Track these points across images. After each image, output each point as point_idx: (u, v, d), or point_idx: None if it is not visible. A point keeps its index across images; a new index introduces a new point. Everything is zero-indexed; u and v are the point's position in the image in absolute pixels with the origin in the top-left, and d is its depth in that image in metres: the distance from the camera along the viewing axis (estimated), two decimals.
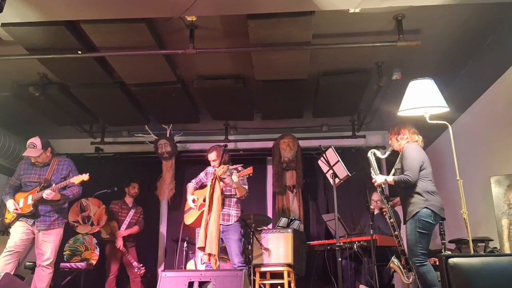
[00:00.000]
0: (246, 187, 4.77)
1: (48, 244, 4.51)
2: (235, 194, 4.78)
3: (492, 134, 4.89)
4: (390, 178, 3.97)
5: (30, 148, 4.60)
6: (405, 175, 3.81)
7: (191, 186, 5.03)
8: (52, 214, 4.59)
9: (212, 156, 4.88)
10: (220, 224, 4.58)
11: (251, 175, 4.64)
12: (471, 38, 4.34)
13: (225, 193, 4.72)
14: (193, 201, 4.89)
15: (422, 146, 4.03)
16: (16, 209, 4.49)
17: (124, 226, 6.17)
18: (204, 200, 4.64)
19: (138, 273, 5.95)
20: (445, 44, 4.51)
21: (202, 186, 5.05)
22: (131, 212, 6.30)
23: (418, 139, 4.04)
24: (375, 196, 5.60)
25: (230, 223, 4.71)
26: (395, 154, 4.19)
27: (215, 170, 4.63)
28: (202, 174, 5.08)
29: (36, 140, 4.62)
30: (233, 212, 4.76)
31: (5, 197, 4.66)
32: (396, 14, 3.93)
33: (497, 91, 4.75)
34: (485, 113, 5.06)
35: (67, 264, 5.81)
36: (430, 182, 3.86)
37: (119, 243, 5.96)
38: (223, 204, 4.65)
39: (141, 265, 6.02)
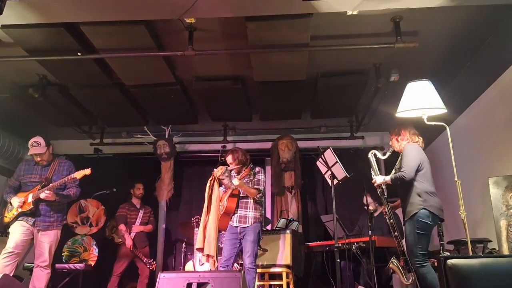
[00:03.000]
0: (260, 187, 4.64)
1: (45, 245, 4.53)
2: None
3: (490, 135, 4.90)
4: (388, 178, 3.98)
5: (35, 146, 4.68)
6: (400, 172, 3.82)
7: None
8: (52, 214, 4.62)
9: (228, 159, 4.80)
10: (237, 226, 4.58)
11: (260, 175, 4.67)
12: (469, 40, 4.35)
13: (241, 195, 4.69)
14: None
15: (422, 147, 4.03)
16: (21, 203, 4.51)
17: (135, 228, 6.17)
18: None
19: (150, 268, 5.96)
20: (442, 45, 4.53)
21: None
22: (140, 213, 6.28)
23: (418, 140, 4.04)
24: (369, 198, 5.57)
25: (247, 225, 4.57)
26: (395, 155, 4.18)
27: (214, 171, 4.64)
28: None
29: (39, 139, 4.73)
30: (250, 214, 4.61)
31: (7, 196, 4.70)
32: (393, 16, 3.95)
33: (495, 92, 4.77)
34: (483, 115, 5.07)
35: (66, 265, 5.79)
36: (428, 183, 3.83)
37: (129, 243, 5.93)
38: (237, 206, 4.64)
39: (152, 260, 6.04)
